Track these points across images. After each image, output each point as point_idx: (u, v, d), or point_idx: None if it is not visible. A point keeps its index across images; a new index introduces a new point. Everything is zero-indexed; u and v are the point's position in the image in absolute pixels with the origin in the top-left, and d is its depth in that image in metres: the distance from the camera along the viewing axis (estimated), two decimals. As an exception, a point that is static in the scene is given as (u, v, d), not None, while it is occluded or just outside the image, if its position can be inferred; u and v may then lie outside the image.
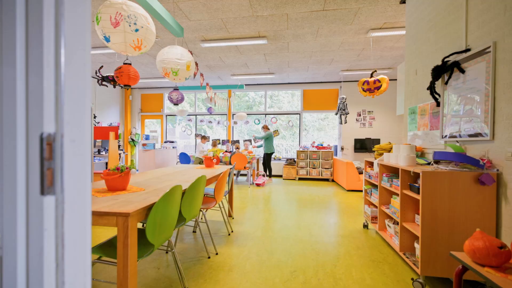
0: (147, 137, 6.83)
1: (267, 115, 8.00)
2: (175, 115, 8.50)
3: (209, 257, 2.39)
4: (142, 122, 8.59)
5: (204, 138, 6.98)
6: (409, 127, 2.96)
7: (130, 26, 2.03)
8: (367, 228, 3.20)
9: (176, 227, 1.93)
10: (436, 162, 2.01)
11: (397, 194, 2.33)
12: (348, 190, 5.67)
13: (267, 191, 5.46)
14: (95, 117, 7.03)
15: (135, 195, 1.70)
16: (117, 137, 3.29)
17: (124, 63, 2.52)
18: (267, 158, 6.51)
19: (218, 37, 4.38)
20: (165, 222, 1.59)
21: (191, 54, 3.33)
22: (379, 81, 4.14)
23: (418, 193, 1.91)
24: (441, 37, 2.33)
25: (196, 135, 8.31)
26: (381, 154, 2.93)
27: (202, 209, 2.52)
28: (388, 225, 2.59)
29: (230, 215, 3.59)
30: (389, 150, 2.87)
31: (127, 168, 1.85)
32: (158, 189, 1.90)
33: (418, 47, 2.81)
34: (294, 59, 5.51)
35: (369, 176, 3.13)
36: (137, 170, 7.05)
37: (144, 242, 1.69)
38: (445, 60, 2.17)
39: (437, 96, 2.27)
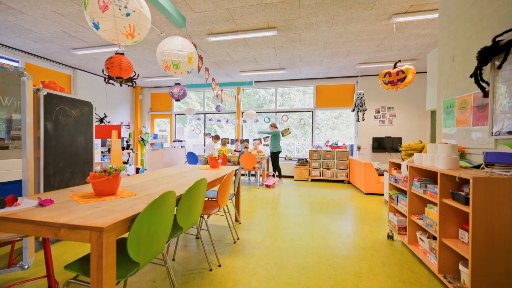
0: (155, 136, 6.67)
1: (277, 113, 7.66)
2: (184, 114, 8.32)
3: (210, 270, 2.10)
4: (152, 121, 8.47)
5: (217, 137, 6.73)
6: (443, 123, 2.55)
7: (120, 10, 1.76)
8: (392, 240, 2.81)
9: (171, 237, 1.66)
10: (488, 165, 1.62)
11: (434, 203, 1.96)
12: (367, 194, 5.24)
13: (277, 193, 5.14)
14: (105, 116, 6.96)
15: (122, 201, 1.44)
16: (119, 136, 3.07)
17: (117, 53, 2.28)
18: (274, 158, 6.18)
19: (225, 30, 4.10)
20: (153, 236, 1.31)
21: (195, 46, 3.06)
22: (403, 72, 3.71)
23: (466, 203, 1.54)
24: (490, 12, 1.92)
25: (205, 134, 8.10)
26: (410, 155, 2.54)
27: (203, 215, 2.23)
28: (421, 239, 2.21)
29: (236, 220, 3.30)
30: (420, 150, 2.48)
31: (115, 170, 1.59)
32: (151, 194, 1.63)
33: (456, 29, 2.40)
34: (306, 52, 5.14)
35: (395, 180, 2.74)
36: (145, 170, 6.91)
37: (129, 257, 1.42)
38: (497, 39, 1.77)
39: (484, 84, 1.87)
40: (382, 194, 5.16)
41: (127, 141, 7.38)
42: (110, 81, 4.41)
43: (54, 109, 2.30)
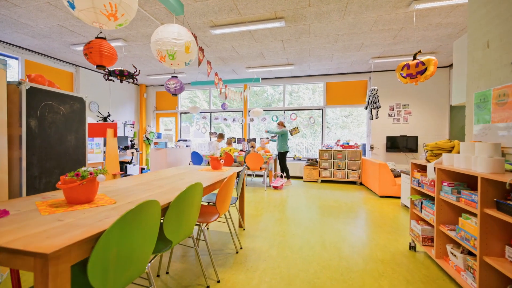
0: (159, 136, 6.50)
1: (285, 111, 7.36)
2: (191, 113, 8.13)
3: (207, 287, 1.85)
4: (157, 120, 8.33)
5: (221, 136, 6.51)
6: (475, 119, 2.22)
7: (101, -13, 1.53)
8: (415, 251, 2.49)
9: (158, 253, 1.41)
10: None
11: (472, 214, 1.64)
12: (381, 196, 4.89)
13: (285, 195, 4.85)
14: (109, 115, 6.84)
15: (95, 212, 1.20)
16: (115, 135, 2.87)
17: (97, 37, 2.04)
18: (281, 158, 5.88)
19: (229, 21, 3.84)
20: (127, 256, 1.06)
21: (194, 37, 2.82)
22: (423, 63, 3.36)
23: (521, 217, 1.22)
24: (543, -18, 1.59)
25: (211, 133, 7.89)
26: (437, 156, 2.21)
27: (200, 224, 1.98)
28: (452, 253, 1.89)
29: (240, 226, 3.04)
30: (450, 150, 2.15)
31: (91, 174, 1.36)
32: (134, 202, 1.39)
33: (489, 11, 2.06)
34: (316, 45, 4.83)
35: (418, 183, 2.42)
36: (148, 170, 6.76)
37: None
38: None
39: (536, 70, 1.54)
40: (398, 197, 4.79)
41: (131, 141, 7.26)
42: (110, 77, 4.24)
43: (39, 105, 2.10)
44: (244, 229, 2.98)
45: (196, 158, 5.71)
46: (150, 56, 5.37)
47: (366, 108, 5.74)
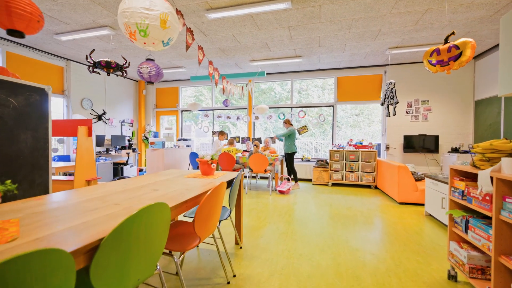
0: (155, 135, 6.09)
1: (293, 109, 6.82)
2: (194, 112, 7.70)
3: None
4: (157, 119, 7.93)
5: (222, 133, 6.05)
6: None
7: None
8: (456, 281, 1.94)
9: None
10: None
11: None
12: (401, 203, 4.32)
13: (292, 202, 4.34)
14: (104, 113, 6.47)
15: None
16: (90, 133, 2.42)
17: None
18: (288, 159, 5.36)
19: (227, 3, 3.35)
20: None
21: (180, 14, 2.35)
22: (457, 47, 2.79)
23: None
24: None
25: (213, 133, 7.43)
26: (491, 160, 1.66)
27: (172, 254, 1.50)
28: (527, 301, 1.35)
29: (237, 243, 2.56)
30: (511, 153, 1.60)
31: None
32: (44, 239, 0.92)
33: None
34: (327, 33, 4.29)
35: (462, 195, 1.88)
36: (144, 172, 6.34)
37: None
38: None
39: None
40: (421, 205, 4.21)
41: (129, 140, 6.88)
42: (95, 69, 3.81)
43: (-21, 95, 1.66)
44: (241, 247, 2.49)
45: (195, 160, 5.26)
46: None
47: (382, 104, 5.17)
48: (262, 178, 6.77)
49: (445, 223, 3.12)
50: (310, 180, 6.47)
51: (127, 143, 6.89)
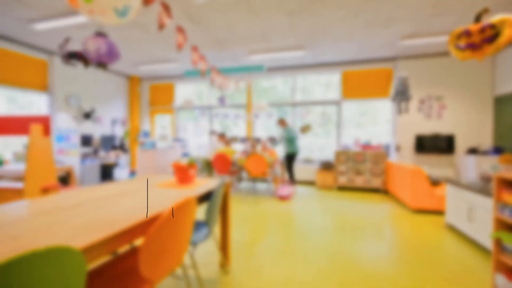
0: (145, 134, 5.67)
1: (295, 107, 6.35)
2: (191, 109, 7.27)
3: None
4: (152, 118, 7.52)
5: (222, 136, 5.60)
6: None
7: None
8: (507, 327, 1.47)
9: None
10: None
11: None
12: (415, 211, 3.83)
13: (293, 209, 3.88)
14: (93, 111, 6.08)
15: None
16: (47, 132, 2.00)
17: None
18: (287, 162, 4.87)
19: (218, -17, 2.91)
20: None
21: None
22: (492, 26, 2.30)
23: None
24: None
25: (212, 133, 6.99)
26: None
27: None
28: None
29: (223, 265, 2.11)
30: None
31: None
32: None
33: None
34: (332, 20, 3.82)
35: (517, 214, 1.40)
36: (134, 175, 5.92)
37: None
38: None
39: None
40: (439, 212, 3.72)
41: (120, 140, 6.48)
42: (71, 60, 3.40)
43: None
44: (227, 272, 2.04)
45: (188, 161, 4.84)
46: (135, 39, 4.51)
47: (393, 100, 4.68)
48: (263, 179, 6.31)
49: (474, 238, 2.63)
50: (313, 183, 5.99)
51: (119, 143, 6.49)
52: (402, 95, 4.47)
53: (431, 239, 2.75)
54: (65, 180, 4.60)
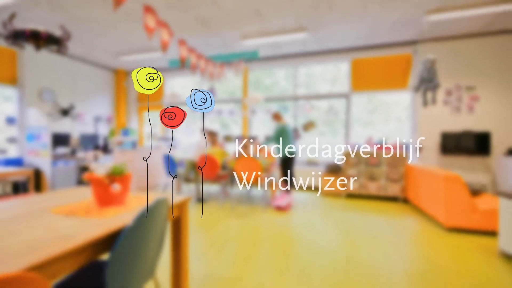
0: (125, 133, 5.01)
1: (297, 100, 5.57)
2: (180, 104, 6.57)
3: None
4: (140, 115, 6.87)
5: (211, 135, 4.85)
6: None
7: None
8: None
9: None
10: None
11: None
12: (450, 229, 2.99)
13: (292, 225, 3.10)
14: (72, 108, 5.46)
15: None
16: None
17: None
18: (283, 164, 3.95)
19: None
20: None
21: None
22: None
23: None
24: None
25: (203, 132, 6.27)
26: None
27: None
28: None
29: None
30: None
31: None
32: None
33: None
34: (342, -14, 3.03)
35: None
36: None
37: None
38: None
39: None
40: (484, 233, 2.87)
41: (104, 140, 5.85)
42: (17, 41, 2.74)
43: None
44: None
45: (171, 165, 4.12)
46: (106, 21, 3.84)
47: (416, 90, 3.85)
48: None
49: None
50: (317, 189, 5.19)
51: (101, 143, 5.86)
52: (428, 83, 3.64)
53: (485, 276, 1.94)
54: (25, 186, 3.95)
